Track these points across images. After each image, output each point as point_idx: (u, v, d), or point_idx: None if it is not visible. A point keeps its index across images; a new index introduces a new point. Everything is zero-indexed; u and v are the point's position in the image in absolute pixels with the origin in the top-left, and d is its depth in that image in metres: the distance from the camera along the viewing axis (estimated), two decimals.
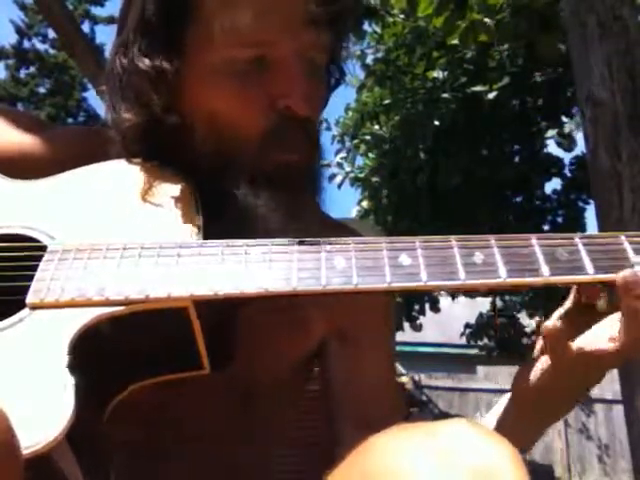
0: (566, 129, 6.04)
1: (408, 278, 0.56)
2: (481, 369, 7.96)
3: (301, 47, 0.67)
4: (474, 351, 8.78)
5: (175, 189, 0.66)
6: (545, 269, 0.56)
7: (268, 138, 0.67)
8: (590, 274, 0.56)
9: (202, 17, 0.66)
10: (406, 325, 6.99)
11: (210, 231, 0.62)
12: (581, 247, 0.58)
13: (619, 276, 0.56)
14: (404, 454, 0.46)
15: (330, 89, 0.77)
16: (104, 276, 0.57)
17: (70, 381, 0.49)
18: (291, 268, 0.57)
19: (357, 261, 0.57)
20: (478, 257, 0.57)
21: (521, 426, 0.66)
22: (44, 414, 0.47)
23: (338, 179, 6.72)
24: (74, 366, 0.50)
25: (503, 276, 0.56)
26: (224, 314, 0.63)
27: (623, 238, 0.58)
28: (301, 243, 0.59)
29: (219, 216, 0.64)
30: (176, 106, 0.69)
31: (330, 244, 0.59)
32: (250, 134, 0.67)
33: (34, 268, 0.59)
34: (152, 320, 0.57)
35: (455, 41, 4.71)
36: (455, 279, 0.55)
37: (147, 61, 0.66)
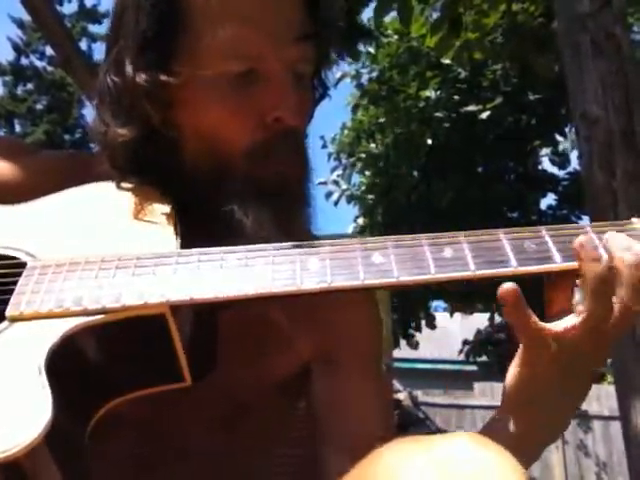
0: (560, 147, 6.09)
1: (381, 275, 0.57)
2: (477, 385, 7.93)
3: (289, 60, 0.69)
4: (470, 367, 8.76)
5: (156, 210, 0.67)
6: (513, 260, 0.57)
7: (258, 150, 0.68)
8: (558, 263, 0.58)
9: (193, 31, 0.67)
10: (402, 342, 6.98)
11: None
12: (548, 238, 0.59)
13: (576, 241, 0.57)
14: (405, 466, 0.47)
15: (314, 103, 0.78)
16: (82, 287, 0.58)
17: (48, 387, 0.50)
18: (266, 271, 0.58)
19: (331, 261, 0.58)
20: (448, 252, 0.58)
21: (512, 427, 0.60)
22: (21, 419, 0.48)
23: (335, 196, 6.75)
24: (53, 377, 0.51)
25: (472, 269, 0.57)
26: (204, 326, 0.64)
27: (589, 228, 0.60)
28: (276, 248, 0.61)
29: (206, 234, 0.65)
30: (169, 119, 0.70)
31: (304, 247, 0.60)
32: (240, 146, 0.68)
33: (15, 284, 0.60)
34: (131, 330, 0.57)
35: (449, 60, 4.76)
36: (426, 274, 0.57)
37: (144, 75, 0.67)
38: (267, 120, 0.68)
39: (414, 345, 6.97)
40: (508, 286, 0.55)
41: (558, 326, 0.57)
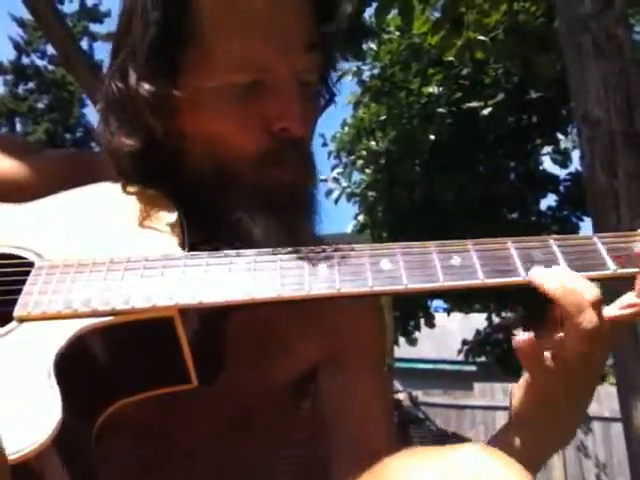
0: (561, 146, 6.08)
1: (389, 282, 0.57)
2: (477, 385, 7.92)
3: (296, 70, 0.69)
4: (470, 367, 8.75)
5: (163, 213, 0.67)
6: (521, 270, 0.58)
7: (264, 159, 0.68)
8: None
9: (201, 42, 0.67)
10: (402, 341, 6.97)
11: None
12: (556, 248, 0.59)
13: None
14: (415, 475, 0.48)
15: (320, 109, 0.78)
16: (90, 288, 0.58)
17: (57, 388, 0.50)
18: (275, 276, 0.58)
19: (340, 267, 0.59)
20: (456, 260, 0.58)
21: (521, 443, 0.62)
22: (31, 420, 0.48)
23: (335, 194, 6.74)
24: (61, 378, 0.51)
25: (481, 277, 0.57)
26: (211, 329, 0.64)
27: (596, 239, 0.60)
28: (284, 252, 0.61)
29: (213, 241, 0.65)
30: (174, 129, 0.69)
31: (313, 252, 0.60)
32: (247, 156, 0.68)
33: (23, 284, 0.60)
34: (139, 332, 0.57)
35: (451, 57, 4.75)
36: (434, 281, 0.57)
37: (147, 86, 0.67)
38: (273, 130, 0.68)
39: (413, 342, 6.96)
40: (523, 338, 0.56)
41: (554, 344, 0.57)
